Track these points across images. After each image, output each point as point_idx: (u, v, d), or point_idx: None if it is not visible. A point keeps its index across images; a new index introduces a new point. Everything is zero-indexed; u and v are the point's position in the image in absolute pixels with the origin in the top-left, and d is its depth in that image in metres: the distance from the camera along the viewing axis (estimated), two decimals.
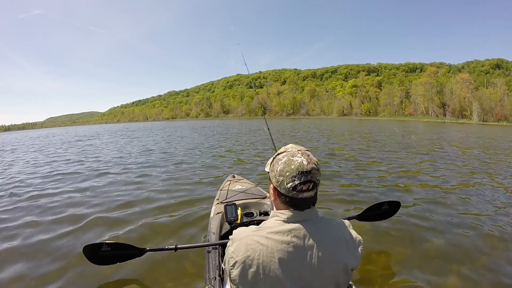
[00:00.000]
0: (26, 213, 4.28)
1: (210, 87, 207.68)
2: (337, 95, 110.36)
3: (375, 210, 2.87)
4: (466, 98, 67.53)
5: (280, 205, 1.05)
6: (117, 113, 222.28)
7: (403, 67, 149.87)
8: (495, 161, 8.31)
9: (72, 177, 6.82)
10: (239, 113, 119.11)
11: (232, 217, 2.24)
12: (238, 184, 3.34)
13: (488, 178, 6.12)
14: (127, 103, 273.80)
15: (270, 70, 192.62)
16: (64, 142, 20.02)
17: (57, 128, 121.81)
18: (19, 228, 3.71)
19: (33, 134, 43.81)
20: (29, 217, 4.07)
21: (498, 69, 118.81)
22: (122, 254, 2.24)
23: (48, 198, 5.04)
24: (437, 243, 3.15)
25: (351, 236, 1.04)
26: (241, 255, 0.95)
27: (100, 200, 4.81)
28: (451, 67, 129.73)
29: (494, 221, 3.71)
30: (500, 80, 72.39)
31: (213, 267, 1.85)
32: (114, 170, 7.50)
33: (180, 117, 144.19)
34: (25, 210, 4.45)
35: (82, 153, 12.03)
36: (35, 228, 3.69)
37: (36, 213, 4.29)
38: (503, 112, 58.10)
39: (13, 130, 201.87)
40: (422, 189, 5.21)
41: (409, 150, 10.59)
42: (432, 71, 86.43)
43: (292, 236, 0.96)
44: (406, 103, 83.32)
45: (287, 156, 1.02)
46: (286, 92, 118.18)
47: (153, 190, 5.34)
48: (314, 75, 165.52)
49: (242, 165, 7.85)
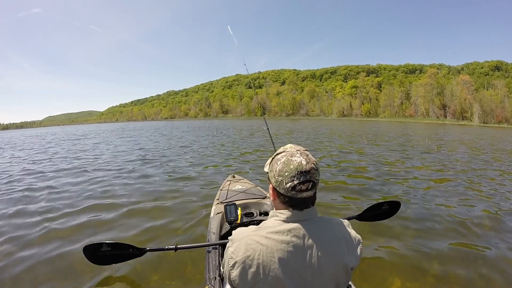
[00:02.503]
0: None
1: (209, 87, 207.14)
2: (336, 95, 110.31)
3: (375, 210, 2.86)
4: (467, 100, 67.57)
5: (279, 205, 1.05)
6: (115, 113, 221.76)
7: (402, 68, 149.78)
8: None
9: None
10: (238, 113, 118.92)
11: (232, 217, 2.24)
12: (238, 184, 3.34)
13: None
14: (126, 103, 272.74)
15: (269, 71, 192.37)
16: (49, 142, 19.78)
17: (55, 127, 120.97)
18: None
19: (29, 133, 43.35)
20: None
21: (497, 71, 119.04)
22: (122, 254, 2.23)
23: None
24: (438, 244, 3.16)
25: (350, 236, 1.05)
26: (241, 255, 0.95)
27: (99, 200, 4.81)
28: (450, 69, 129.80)
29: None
30: (500, 82, 72.56)
31: (213, 267, 1.85)
32: (114, 167, 7.51)
33: (179, 117, 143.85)
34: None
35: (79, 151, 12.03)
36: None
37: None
38: (503, 114, 58.21)
39: (11, 128, 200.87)
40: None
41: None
42: (433, 73, 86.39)
43: (292, 236, 0.96)
44: (406, 104, 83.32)
45: (286, 156, 1.02)
46: (285, 92, 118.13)
47: (153, 190, 5.34)
48: (314, 75, 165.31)
49: (242, 165, 7.86)
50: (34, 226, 3.73)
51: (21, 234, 3.51)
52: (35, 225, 3.77)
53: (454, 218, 3.88)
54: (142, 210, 4.26)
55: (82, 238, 3.34)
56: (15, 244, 3.26)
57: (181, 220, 3.81)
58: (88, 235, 3.43)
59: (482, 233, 3.46)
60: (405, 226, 3.62)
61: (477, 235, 3.42)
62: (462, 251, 3.04)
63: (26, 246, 3.20)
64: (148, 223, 3.73)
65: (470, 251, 3.05)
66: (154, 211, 4.21)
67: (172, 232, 3.47)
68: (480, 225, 3.69)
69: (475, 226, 3.65)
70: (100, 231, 3.54)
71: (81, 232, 3.54)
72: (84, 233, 3.49)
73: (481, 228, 3.62)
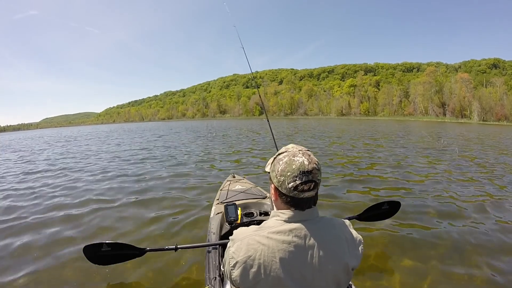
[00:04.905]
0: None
1: (206, 87, 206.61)
2: (334, 94, 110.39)
3: (375, 210, 2.88)
4: (466, 98, 67.71)
5: (281, 205, 1.05)
6: (113, 114, 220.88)
7: (400, 67, 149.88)
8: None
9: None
10: (236, 113, 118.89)
11: (232, 217, 2.25)
12: (238, 184, 3.34)
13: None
14: (123, 104, 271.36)
15: (266, 70, 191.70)
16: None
17: (50, 129, 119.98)
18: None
19: (20, 136, 41.90)
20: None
21: (495, 69, 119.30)
22: (122, 254, 2.24)
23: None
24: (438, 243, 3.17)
25: (351, 236, 1.05)
26: (242, 255, 0.95)
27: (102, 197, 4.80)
28: (448, 67, 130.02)
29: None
30: (499, 80, 72.75)
31: (213, 267, 1.85)
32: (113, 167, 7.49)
33: (177, 117, 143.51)
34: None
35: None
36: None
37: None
38: (503, 111, 58.41)
39: (8, 131, 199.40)
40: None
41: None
42: (431, 71, 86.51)
43: (293, 236, 0.96)
44: (405, 102, 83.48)
45: (288, 156, 1.02)
46: (283, 91, 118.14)
47: (152, 190, 5.34)
48: (311, 75, 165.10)
49: (242, 165, 7.87)
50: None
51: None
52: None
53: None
54: (142, 210, 4.25)
55: (82, 238, 3.34)
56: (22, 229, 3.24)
57: (181, 220, 3.80)
58: (89, 235, 3.43)
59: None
60: (406, 225, 3.62)
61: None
62: (463, 251, 3.04)
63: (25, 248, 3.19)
64: (148, 223, 3.73)
65: (472, 251, 3.03)
66: (154, 211, 4.20)
67: (172, 232, 3.46)
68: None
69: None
70: (100, 231, 3.55)
71: (81, 232, 3.53)
72: (84, 233, 3.49)
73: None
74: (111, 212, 4.23)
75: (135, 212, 4.19)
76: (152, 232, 3.49)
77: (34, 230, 3.66)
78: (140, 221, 3.81)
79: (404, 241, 3.18)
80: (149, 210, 4.27)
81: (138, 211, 4.23)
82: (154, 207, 4.37)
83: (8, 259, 2.97)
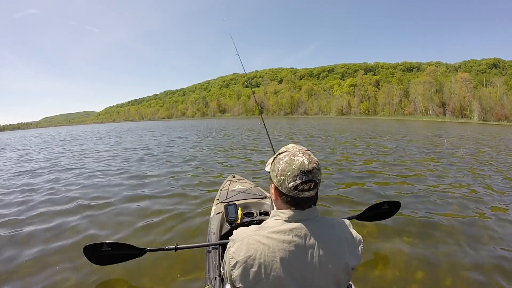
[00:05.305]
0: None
1: (206, 86, 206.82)
2: (334, 94, 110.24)
3: (375, 210, 2.88)
4: (466, 98, 67.59)
5: (281, 205, 1.05)
6: (112, 113, 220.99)
7: (400, 66, 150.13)
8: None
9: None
10: (235, 112, 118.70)
11: (232, 217, 2.25)
12: (238, 184, 3.34)
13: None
14: (123, 103, 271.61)
15: (266, 69, 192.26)
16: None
17: (50, 128, 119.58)
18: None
19: (17, 135, 41.69)
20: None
21: (495, 69, 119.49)
22: (122, 254, 2.24)
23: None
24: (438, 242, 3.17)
25: (351, 235, 1.05)
26: (243, 255, 0.95)
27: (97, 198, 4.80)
28: (448, 66, 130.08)
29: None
30: (499, 79, 72.62)
31: (213, 267, 1.85)
32: (113, 168, 7.49)
33: (176, 117, 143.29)
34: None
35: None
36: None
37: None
38: (503, 111, 58.31)
39: (8, 130, 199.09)
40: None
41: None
42: (431, 70, 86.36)
43: (293, 236, 0.96)
44: (405, 102, 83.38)
45: (289, 156, 1.02)
46: (283, 91, 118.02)
47: (152, 190, 5.33)
48: (311, 74, 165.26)
49: (242, 165, 7.86)
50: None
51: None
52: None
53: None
54: (142, 210, 4.25)
55: (82, 238, 3.34)
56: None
57: (181, 220, 3.80)
58: (88, 235, 3.42)
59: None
60: (406, 226, 3.63)
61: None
62: (462, 250, 3.04)
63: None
64: (147, 223, 3.72)
65: (473, 251, 3.03)
66: (154, 211, 4.20)
67: (172, 232, 3.46)
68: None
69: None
70: (99, 231, 3.54)
71: (81, 232, 3.53)
72: (84, 233, 3.48)
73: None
74: (110, 212, 4.22)
75: (135, 212, 4.19)
76: (152, 232, 3.49)
77: (30, 231, 3.64)
78: (140, 221, 3.81)
79: (404, 241, 3.18)
80: (148, 210, 4.26)
81: (137, 211, 4.22)
82: (154, 207, 4.36)
83: (3, 255, 2.99)
